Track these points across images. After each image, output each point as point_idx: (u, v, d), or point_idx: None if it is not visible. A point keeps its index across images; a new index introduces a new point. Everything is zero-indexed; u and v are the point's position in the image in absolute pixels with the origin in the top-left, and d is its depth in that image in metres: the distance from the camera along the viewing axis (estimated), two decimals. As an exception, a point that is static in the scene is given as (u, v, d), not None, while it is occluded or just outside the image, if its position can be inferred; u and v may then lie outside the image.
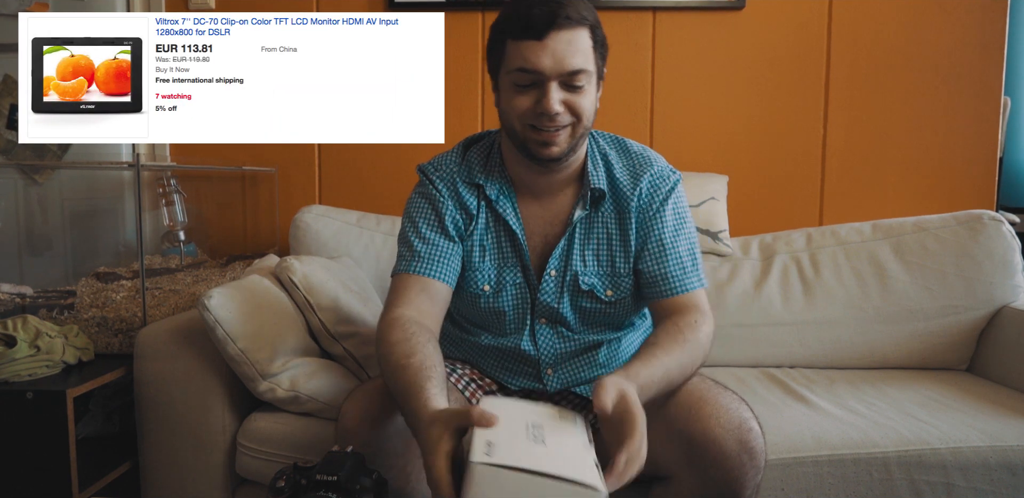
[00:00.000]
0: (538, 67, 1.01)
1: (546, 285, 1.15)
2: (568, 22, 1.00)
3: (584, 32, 1.03)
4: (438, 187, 1.17)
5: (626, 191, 1.14)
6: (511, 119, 1.07)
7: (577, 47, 1.02)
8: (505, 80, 1.07)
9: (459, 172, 1.17)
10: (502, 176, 1.16)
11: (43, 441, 1.29)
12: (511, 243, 1.16)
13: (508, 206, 1.15)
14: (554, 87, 1.02)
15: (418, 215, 1.16)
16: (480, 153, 1.19)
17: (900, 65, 1.98)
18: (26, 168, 2.04)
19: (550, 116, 1.03)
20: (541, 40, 1.00)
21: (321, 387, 1.33)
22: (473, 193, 1.17)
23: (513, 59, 1.03)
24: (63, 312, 1.54)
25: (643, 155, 1.18)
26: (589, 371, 1.20)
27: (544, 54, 1.00)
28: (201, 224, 2.08)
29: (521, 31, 1.01)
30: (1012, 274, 1.69)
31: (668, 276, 1.10)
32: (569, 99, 1.04)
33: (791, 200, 2.03)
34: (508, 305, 1.16)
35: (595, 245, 1.15)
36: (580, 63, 1.02)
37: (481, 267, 1.16)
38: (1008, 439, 1.24)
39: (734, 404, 0.99)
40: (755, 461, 0.96)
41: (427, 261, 1.11)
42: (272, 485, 0.78)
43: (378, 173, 2.09)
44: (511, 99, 1.06)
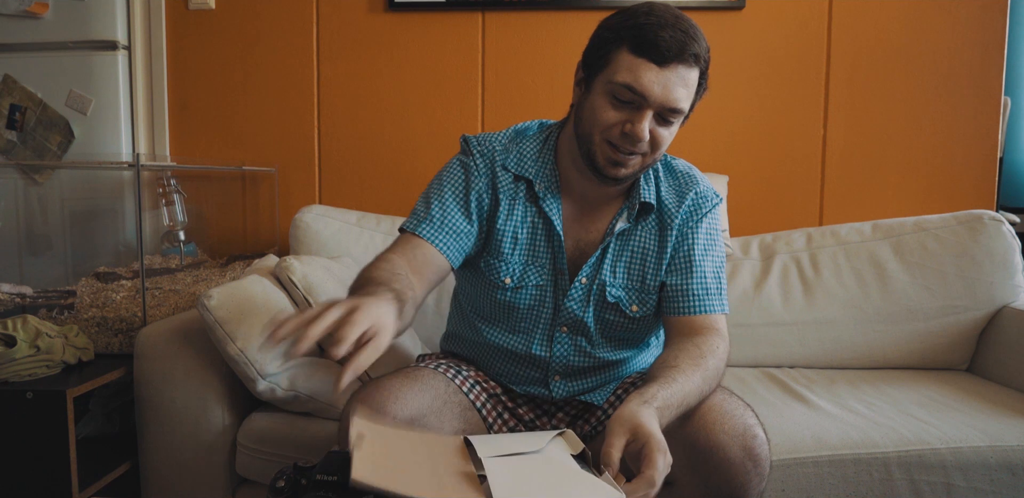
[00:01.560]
0: (647, 92, 0.99)
1: (575, 292, 1.13)
2: (692, 59, 0.99)
3: (697, 72, 1.02)
4: (477, 162, 1.15)
5: (671, 208, 1.14)
6: (590, 128, 1.05)
7: (687, 85, 1.01)
8: (602, 86, 1.03)
9: (501, 156, 1.15)
10: (552, 174, 1.14)
11: (43, 441, 1.29)
12: (548, 243, 1.14)
13: (554, 205, 1.13)
14: (649, 115, 1.01)
15: (448, 180, 1.14)
16: (533, 147, 1.17)
17: (900, 65, 1.98)
18: (26, 168, 2.04)
19: (634, 141, 1.02)
20: (661, 67, 0.98)
21: (321, 387, 1.33)
22: (509, 180, 1.14)
23: (623, 72, 1.00)
24: (63, 312, 1.54)
25: (688, 174, 1.18)
26: (597, 381, 1.19)
27: (658, 81, 0.99)
28: (201, 224, 2.08)
29: (644, 49, 0.98)
30: (1012, 274, 1.69)
31: (690, 292, 1.10)
32: (655, 130, 1.03)
33: (791, 200, 2.03)
34: (525, 304, 1.15)
35: (628, 258, 1.14)
36: (683, 101, 1.01)
37: (509, 260, 1.14)
38: (1008, 439, 1.24)
39: (739, 410, 0.98)
40: (759, 468, 0.95)
41: (439, 230, 1.09)
42: (272, 485, 0.78)
43: (378, 173, 2.09)
44: (601, 109, 1.03)
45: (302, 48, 2.07)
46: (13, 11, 1.99)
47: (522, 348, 1.17)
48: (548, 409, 1.21)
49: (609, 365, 1.18)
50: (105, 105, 2.02)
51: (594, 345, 1.16)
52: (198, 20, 2.08)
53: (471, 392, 1.16)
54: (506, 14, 2.02)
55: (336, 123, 2.09)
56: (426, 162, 2.06)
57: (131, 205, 2.01)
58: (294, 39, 2.07)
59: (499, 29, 2.02)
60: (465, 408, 1.11)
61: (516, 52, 2.03)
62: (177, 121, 2.11)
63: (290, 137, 2.10)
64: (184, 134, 2.12)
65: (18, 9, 1.98)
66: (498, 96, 2.04)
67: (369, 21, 2.05)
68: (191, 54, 2.09)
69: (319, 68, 2.08)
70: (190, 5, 2.07)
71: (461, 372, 1.18)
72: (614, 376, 1.20)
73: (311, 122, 2.09)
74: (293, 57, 2.07)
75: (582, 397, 1.18)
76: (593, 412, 1.18)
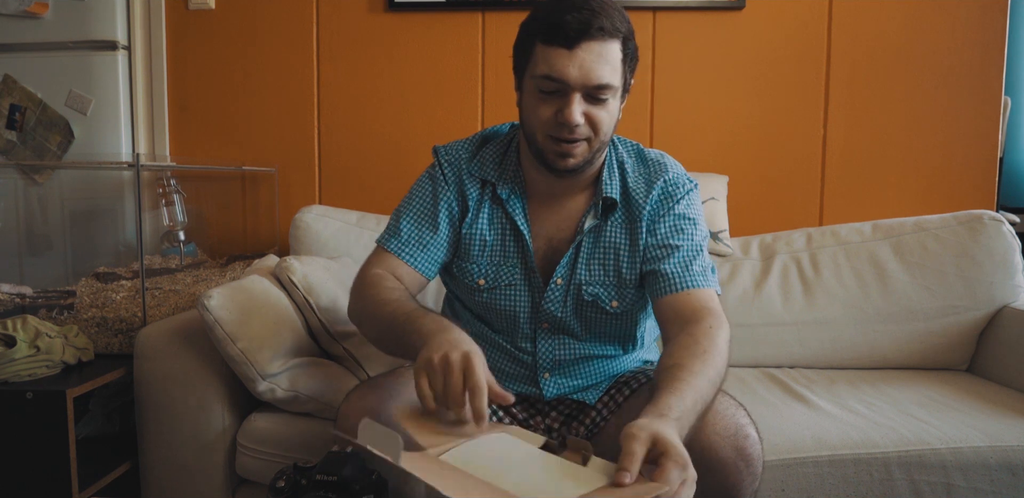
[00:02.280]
0: (564, 77, 0.99)
1: (551, 293, 1.14)
2: (600, 33, 0.98)
3: (615, 44, 1.00)
4: (445, 172, 1.18)
5: (639, 199, 1.13)
6: (531, 127, 1.06)
7: (606, 60, 0.99)
8: (529, 84, 1.05)
9: (467, 163, 1.17)
10: (515, 176, 1.16)
11: (43, 441, 1.29)
12: (516, 243, 1.15)
13: (518, 207, 1.15)
14: (577, 99, 1.00)
15: (417, 194, 1.19)
16: (496, 151, 1.19)
17: (900, 65, 1.98)
18: (26, 168, 2.04)
19: (570, 127, 1.01)
20: (571, 49, 0.98)
21: (321, 387, 1.33)
22: (476, 186, 1.17)
23: (540, 64, 1.01)
24: (63, 312, 1.54)
25: (659, 162, 1.16)
26: (588, 378, 1.19)
27: (572, 64, 0.98)
28: (201, 224, 2.08)
29: (551, 36, 0.99)
30: (1012, 274, 1.69)
31: (668, 272, 1.07)
32: (590, 111, 1.02)
33: (791, 200, 2.03)
34: (502, 304, 1.16)
35: (602, 254, 1.13)
36: (607, 77, 1.00)
37: (479, 261, 1.16)
38: (1008, 439, 1.24)
39: (731, 409, 0.97)
40: (752, 468, 0.94)
41: (405, 244, 1.14)
42: (272, 485, 0.79)
43: (378, 173, 2.09)
44: (533, 106, 1.05)
45: (302, 48, 2.07)
46: (13, 11, 1.99)
47: (509, 347, 1.18)
48: (542, 408, 1.21)
49: (597, 360, 1.18)
50: (105, 105, 2.02)
51: (580, 340, 1.17)
52: (198, 20, 2.08)
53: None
54: (506, 14, 2.02)
55: (336, 123, 2.09)
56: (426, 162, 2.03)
57: (131, 205, 2.01)
58: (294, 39, 2.07)
59: (499, 29, 2.02)
60: None
61: (516, 52, 2.03)
62: (177, 121, 2.11)
63: (290, 137, 2.10)
64: (184, 134, 2.12)
65: (18, 9, 1.98)
66: (498, 96, 2.04)
67: (369, 21, 2.05)
68: (191, 54, 2.09)
69: (319, 68, 2.08)
70: (190, 5, 2.07)
71: None
72: (605, 373, 1.20)
73: (311, 122, 2.09)
74: (293, 57, 2.07)
75: (574, 396, 1.18)
76: (587, 413, 1.17)
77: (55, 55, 2.01)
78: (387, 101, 2.07)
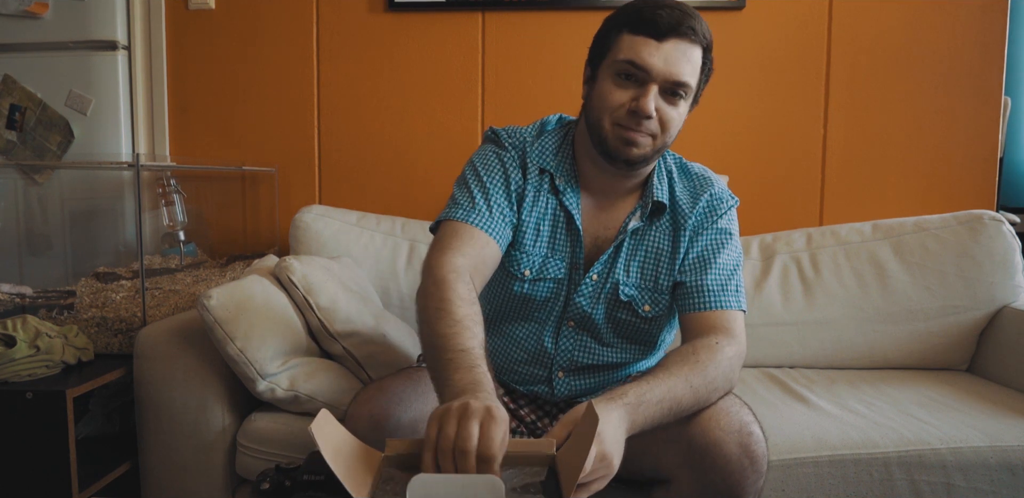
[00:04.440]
0: (648, 64, 1.00)
1: (585, 288, 1.13)
2: (691, 33, 1.00)
3: (699, 50, 1.02)
4: (510, 153, 1.15)
5: (685, 209, 1.13)
6: (600, 113, 1.05)
7: (689, 59, 1.01)
8: (606, 71, 1.05)
9: (530, 149, 1.15)
10: (571, 168, 1.15)
11: (43, 441, 1.29)
12: (569, 237, 1.14)
13: (574, 201, 1.13)
14: (654, 90, 1.01)
15: (485, 169, 1.12)
16: (554, 141, 1.17)
17: (900, 65, 1.98)
18: (26, 168, 2.04)
19: (640, 117, 1.01)
20: (660, 41, 1.00)
21: (321, 387, 1.33)
22: (535, 173, 1.14)
23: (624, 50, 1.01)
24: (63, 312, 1.54)
25: (703, 176, 1.18)
26: (600, 382, 1.18)
27: (658, 54, 1.00)
28: (201, 224, 2.08)
29: (642, 27, 1.00)
30: (1012, 274, 1.69)
31: (705, 288, 1.08)
32: (662, 108, 1.02)
33: (791, 200, 2.03)
34: (541, 296, 1.14)
35: (642, 257, 1.13)
36: (687, 75, 1.01)
37: (530, 251, 1.13)
38: (1008, 439, 1.24)
39: (735, 407, 0.98)
40: (756, 465, 0.94)
41: (489, 218, 1.06)
42: (256, 488, 0.78)
43: (378, 173, 2.09)
44: (608, 92, 1.04)
45: (302, 48, 2.07)
46: (13, 11, 1.99)
47: (532, 340, 1.17)
48: (549, 410, 1.20)
49: (613, 365, 1.18)
50: (105, 105, 2.02)
51: (601, 342, 1.16)
52: (198, 20, 2.08)
53: None
54: (506, 14, 2.02)
55: (336, 123, 2.09)
56: (426, 162, 2.06)
57: (131, 205, 2.01)
58: (294, 39, 2.07)
59: (499, 29, 2.02)
60: None
61: (516, 52, 2.03)
62: (177, 121, 2.11)
63: (290, 137, 2.09)
64: (184, 134, 2.11)
65: (18, 9, 1.98)
66: (498, 96, 2.04)
67: (369, 21, 2.05)
68: (191, 54, 2.09)
69: (319, 68, 2.08)
70: (190, 5, 2.07)
71: None
72: (617, 377, 1.20)
73: (311, 122, 2.09)
74: (293, 57, 2.07)
75: (583, 399, 1.18)
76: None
77: (55, 55, 2.01)
78: (387, 101, 2.07)
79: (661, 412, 0.87)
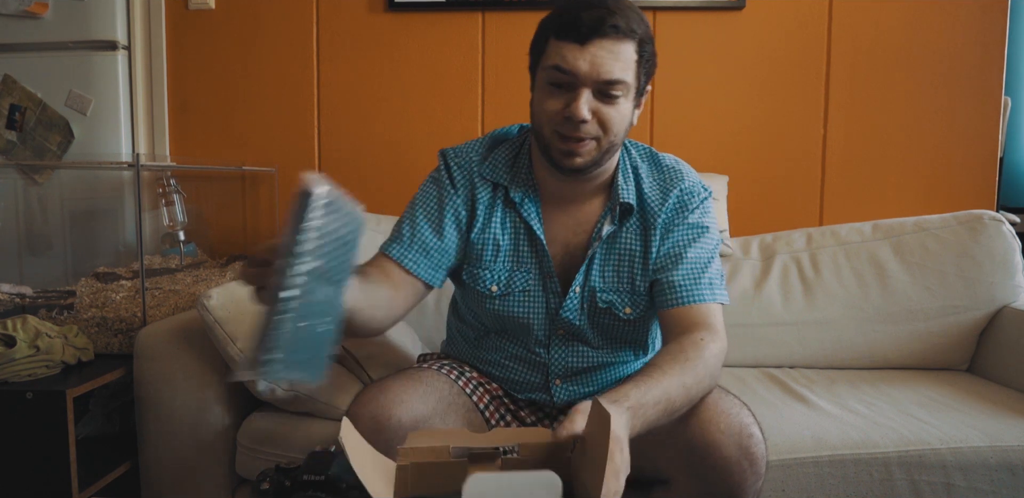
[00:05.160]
0: (574, 69, 0.98)
1: (570, 301, 1.12)
2: (614, 31, 0.98)
3: (629, 45, 1.00)
4: (453, 176, 1.15)
5: (654, 206, 1.11)
6: (540, 122, 1.05)
7: (617, 57, 0.99)
8: (540, 78, 1.05)
9: (479, 166, 1.15)
10: (528, 179, 1.14)
11: (43, 441, 1.29)
12: (532, 248, 1.13)
13: (533, 211, 1.12)
14: (586, 94, 1.00)
15: (421, 199, 1.15)
16: (508, 153, 1.16)
17: (900, 65, 1.98)
18: (26, 168, 2.04)
19: (575, 123, 1.00)
20: (583, 45, 0.98)
21: (321, 387, 1.33)
22: (489, 189, 1.14)
23: (551, 56, 1.01)
24: (63, 312, 1.54)
25: (675, 169, 1.15)
26: (599, 384, 1.18)
27: (582, 58, 0.98)
28: (201, 224, 2.08)
29: (565, 32, 0.99)
30: (1012, 274, 1.69)
31: (676, 284, 1.06)
32: (600, 109, 1.01)
33: (791, 200, 2.03)
34: (515, 311, 1.13)
35: (616, 261, 1.12)
36: (618, 73, 0.99)
37: (492, 267, 1.13)
38: (1008, 439, 1.24)
39: (735, 408, 0.97)
40: (755, 467, 0.94)
41: (408, 249, 1.10)
42: (256, 488, 0.78)
43: (378, 173, 2.09)
44: (543, 99, 1.04)
45: (302, 48, 2.07)
46: (13, 11, 1.99)
47: (522, 353, 1.16)
48: (550, 412, 1.20)
49: (609, 366, 1.18)
50: (105, 105, 2.02)
51: (593, 346, 1.16)
52: (198, 20, 2.08)
53: (474, 394, 1.15)
54: (506, 14, 2.02)
55: (336, 123, 2.09)
56: (426, 162, 2.04)
57: (131, 205, 2.01)
58: (294, 39, 2.07)
59: (499, 29, 2.02)
60: (469, 410, 1.11)
61: (516, 52, 2.01)
62: (177, 121, 2.11)
63: (290, 137, 2.09)
64: (184, 134, 2.11)
65: (18, 9, 1.98)
66: (498, 96, 2.04)
67: (369, 21, 2.05)
68: (191, 54, 2.09)
69: (319, 68, 2.08)
70: (190, 5, 2.07)
71: (464, 373, 1.18)
72: (615, 379, 1.19)
73: (311, 122, 2.09)
74: (293, 57, 2.07)
75: None
76: None
77: (55, 55, 2.01)
78: (387, 101, 2.07)
79: (657, 414, 0.86)
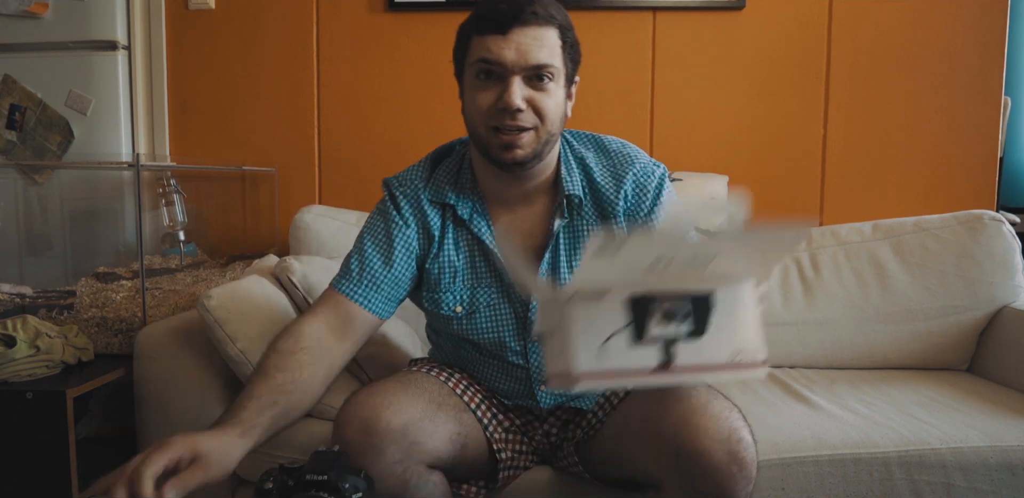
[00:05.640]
0: (500, 58, 0.98)
1: (536, 304, 1.11)
2: (534, 18, 0.98)
3: (551, 30, 1.00)
4: (400, 206, 1.13)
5: (609, 195, 1.10)
6: (474, 120, 1.04)
7: (543, 43, 0.99)
8: (468, 76, 1.04)
9: (424, 189, 1.13)
10: (473, 191, 1.12)
11: (43, 441, 1.29)
12: (487, 263, 1.12)
13: (482, 224, 1.11)
14: (517, 82, 0.99)
15: (369, 235, 1.13)
16: (450, 169, 1.15)
17: (900, 65, 1.98)
18: (26, 168, 2.04)
19: (511, 112, 0.99)
20: (505, 34, 0.98)
21: (321, 387, 1.33)
22: (438, 212, 1.12)
23: (475, 52, 1.01)
24: (63, 312, 1.54)
25: (623, 153, 1.13)
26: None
27: (508, 46, 0.98)
28: (201, 224, 2.08)
29: (485, 25, 1.00)
30: (1012, 274, 1.69)
31: None
32: (533, 97, 1.00)
33: (791, 200, 2.03)
34: (483, 326, 1.12)
35: (582, 256, 1.12)
36: (545, 58, 0.99)
37: (452, 289, 1.12)
38: (1008, 439, 1.24)
39: (724, 412, 0.95)
40: (745, 472, 0.92)
41: (356, 284, 1.09)
42: (259, 487, 0.78)
43: (378, 173, 2.05)
44: (473, 96, 1.03)
45: (302, 48, 2.07)
46: (13, 11, 1.99)
47: (500, 364, 1.16)
48: (539, 414, 1.20)
49: None
50: (105, 105, 2.02)
51: None
52: (198, 20, 2.08)
53: (464, 394, 1.14)
54: (506, 14, 2.01)
55: (336, 123, 2.09)
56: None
57: (131, 205, 2.01)
58: (294, 39, 2.07)
59: (499, 29, 2.02)
60: (460, 410, 1.10)
61: (516, 52, 2.03)
62: (177, 121, 2.11)
63: (290, 137, 2.09)
64: (184, 134, 2.12)
65: (18, 9, 1.98)
66: (498, 96, 2.04)
67: (369, 21, 2.05)
68: (191, 54, 2.09)
69: (319, 68, 2.08)
70: (190, 5, 2.07)
71: (453, 375, 1.17)
72: None
73: (311, 122, 2.09)
74: (293, 57, 2.07)
75: (570, 404, 1.17)
76: (584, 416, 1.16)
77: (55, 55, 2.01)
78: (387, 101, 2.07)
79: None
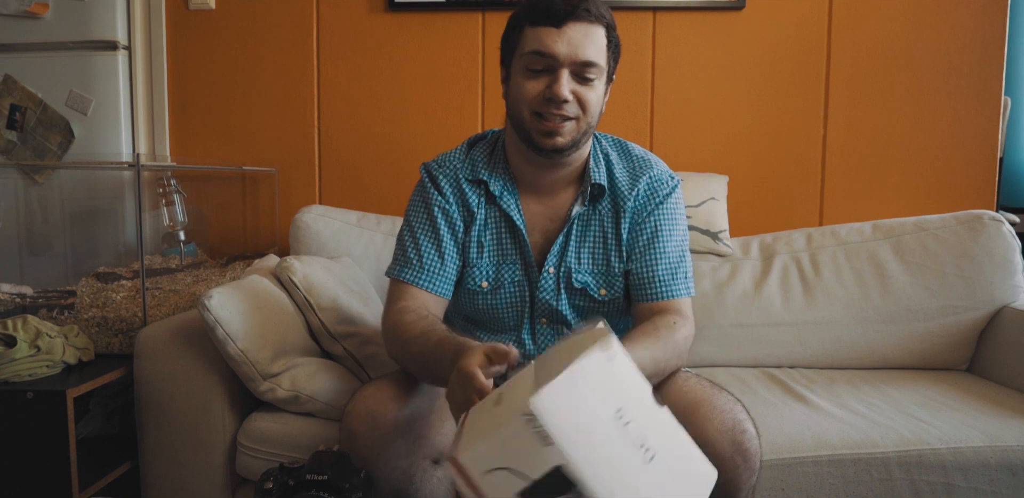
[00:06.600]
0: (553, 51, 1.03)
1: (544, 282, 1.15)
2: (587, 15, 1.03)
3: (600, 29, 1.05)
4: (440, 185, 1.18)
5: (624, 191, 1.15)
6: (519, 107, 1.08)
7: (592, 40, 1.04)
8: (517, 65, 1.08)
9: (463, 169, 1.19)
10: (505, 172, 1.17)
11: (43, 441, 1.29)
12: (513, 239, 1.16)
13: (512, 202, 1.16)
14: (565, 75, 1.04)
15: (416, 222, 1.18)
16: (484, 150, 1.20)
17: (900, 65, 1.98)
18: (26, 168, 2.04)
19: (558, 102, 1.04)
20: (559, 27, 1.03)
21: (321, 387, 1.33)
22: (475, 190, 1.18)
23: (528, 43, 1.05)
24: (63, 312, 1.54)
25: (644, 158, 1.19)
26: None
27: (560, 40, 1.03)
28: (201, 224, 2.08)
29: (540, 18, 1.04)
30: (1012, 274, 1.69)
31: (656, 280, 1.12)
32: (578, 90, 1.05)
33: (791, 200, 2.03)
34: (505, 302, 1.17)
35: (591, 243, 1.16)
36: (594, 55, 1.04)
37: (479, 264, 1.17)
38: (1008, 439, 1.24)
39: (728, 405, 0.99)
40: (749, 463, 0.95)
41: (419, 272, 1.14)
42: (259, 487, 0.78)
43: (378, 173, 2.09)
44: (521, 84, 1.07)
45: (302, 48, 2.07)
46: (13, 11, 1.99)
47: (512, 343, 1.17)
48: None
49: None
50: (105, 105, 2.02)
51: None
52: (198, 20, 2.08)
53: None
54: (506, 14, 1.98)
55: (336, 123, 2.09)
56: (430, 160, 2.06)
57: (131, 205, 2.01)
58: (294, 39, 2.07)
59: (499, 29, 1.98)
60: None
61: (516, 52, 2.03)
62: (177, 121, 2.11)
63: (290, 137, 2.09)
64: (184, 134, 2.11)
65: (18, 9, 1.98)
66: (498, 96, 2.02)
67: (369, 21, 2.05)
68: (191, 54, 2.09)
69: (319, 68, 2.08)
70: (190, 5, 2.07)
71: None
72: None
73: (311, 122, 2.09)
74: (293, 57, 2.07)
75: None
76: None
77: (55, 55, 2.01)
78: (387, 101, 2.07)
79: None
